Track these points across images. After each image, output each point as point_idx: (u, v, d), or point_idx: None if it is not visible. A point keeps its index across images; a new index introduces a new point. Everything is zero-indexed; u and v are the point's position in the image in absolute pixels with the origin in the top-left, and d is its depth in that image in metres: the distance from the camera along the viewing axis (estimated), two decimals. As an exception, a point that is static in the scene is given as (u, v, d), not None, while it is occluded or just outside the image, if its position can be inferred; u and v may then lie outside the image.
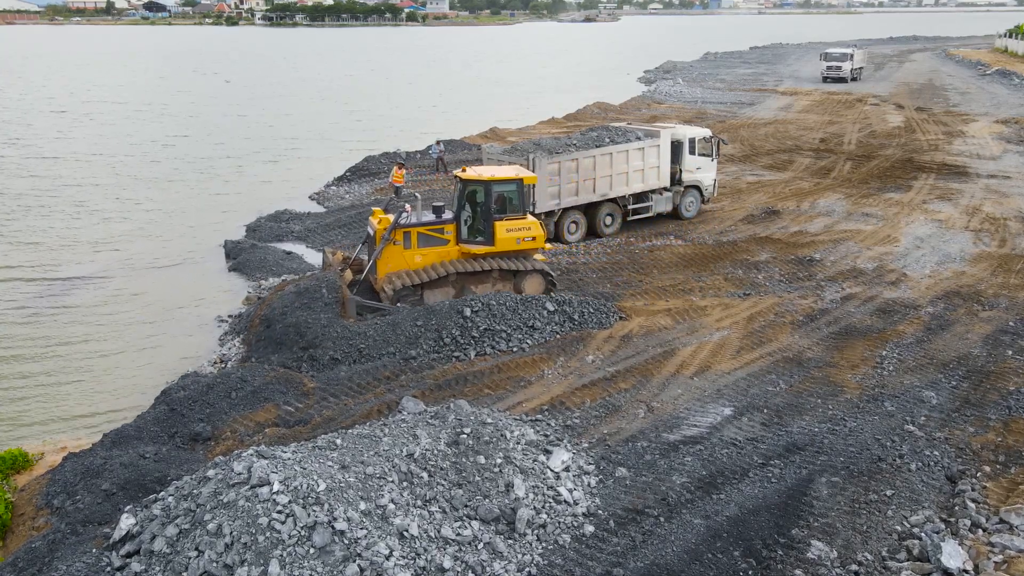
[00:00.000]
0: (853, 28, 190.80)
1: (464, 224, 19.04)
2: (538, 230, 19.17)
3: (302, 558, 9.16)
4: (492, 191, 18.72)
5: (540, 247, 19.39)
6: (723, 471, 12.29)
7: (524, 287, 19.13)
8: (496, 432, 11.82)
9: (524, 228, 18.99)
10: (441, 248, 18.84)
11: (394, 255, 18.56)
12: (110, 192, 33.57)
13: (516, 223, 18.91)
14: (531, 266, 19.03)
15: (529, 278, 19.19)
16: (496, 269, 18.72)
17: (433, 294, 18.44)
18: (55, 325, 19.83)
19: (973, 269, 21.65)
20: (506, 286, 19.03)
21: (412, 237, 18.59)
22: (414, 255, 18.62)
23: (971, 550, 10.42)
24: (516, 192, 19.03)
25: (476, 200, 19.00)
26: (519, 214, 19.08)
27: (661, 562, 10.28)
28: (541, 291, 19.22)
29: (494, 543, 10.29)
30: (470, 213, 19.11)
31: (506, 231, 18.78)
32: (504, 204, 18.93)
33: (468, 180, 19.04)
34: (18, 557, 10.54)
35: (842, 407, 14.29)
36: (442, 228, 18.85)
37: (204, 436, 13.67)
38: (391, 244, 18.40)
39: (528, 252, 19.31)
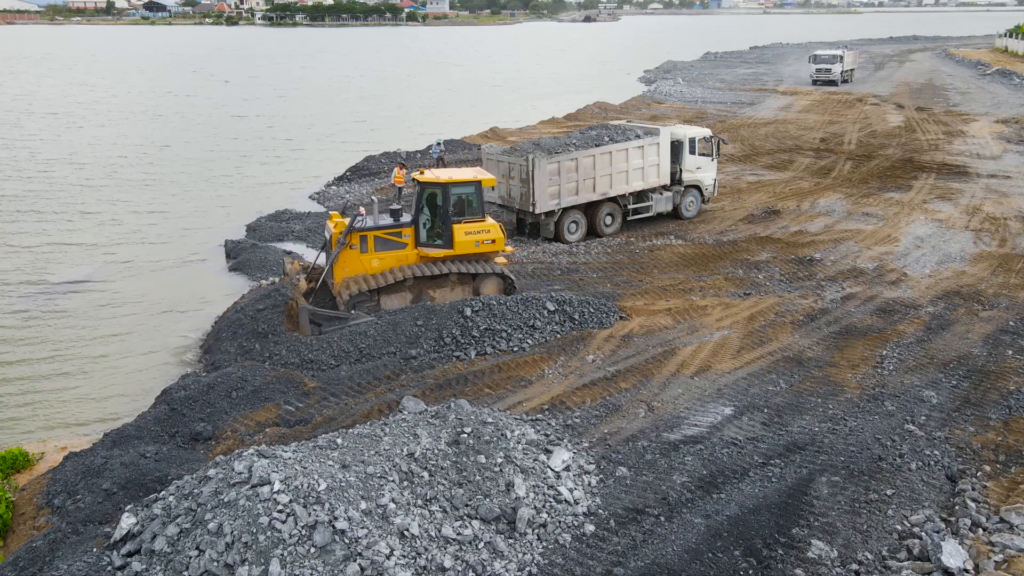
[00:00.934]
0: (853, 28, 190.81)
1: (423, 227, 18.72)
2: (498, 232, 18.86)
3: (303, 557, 9.17)
4: (450, 194, 18.44)
5: (500, 250, 19.07)
6: (723, 470, 12.29)
7: (483, 291, 18.82)
8: (497, 431, 11.83)
9: (483, 231, 18.69)
10: (399, 252, 18.50)
11: (351, 259, 18.18)
12: (109, 193, 33.57)
13: (475, 226, 18.63)
14: (489, 269, 18.72)
15: (488, 281, 18.91)
16: (454, 273, 18.41)
17: (390, 299, 18.09)
18: (56, 326, 19.84)
19: (973, 269, 21.66)
20: (465, 290, 18.75)
21: (369, 241, 18.19)
22: (371, 259, 18.24)
23: (972, 549, 10.42)
24: (475, 194, 18.71)
25: (434, 203, 18.67)
26: (478, 217, 18.79)
27: (661, 561, 10.29)
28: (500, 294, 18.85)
29: (495, 542, 10.30)
30: (428, 216, 18.80)
31: (465, 234, 18.48)
32: (463, 207, 18.65)
33: (426, 183, 18.64)
34: (19, 556, 10.55)
35: (842, 407, 14.30)
36: (400, 231, 18.52)
37: (205, 436, 13.67)
38: (347, 248, 18.04)
39: (488, 255, 19.04)
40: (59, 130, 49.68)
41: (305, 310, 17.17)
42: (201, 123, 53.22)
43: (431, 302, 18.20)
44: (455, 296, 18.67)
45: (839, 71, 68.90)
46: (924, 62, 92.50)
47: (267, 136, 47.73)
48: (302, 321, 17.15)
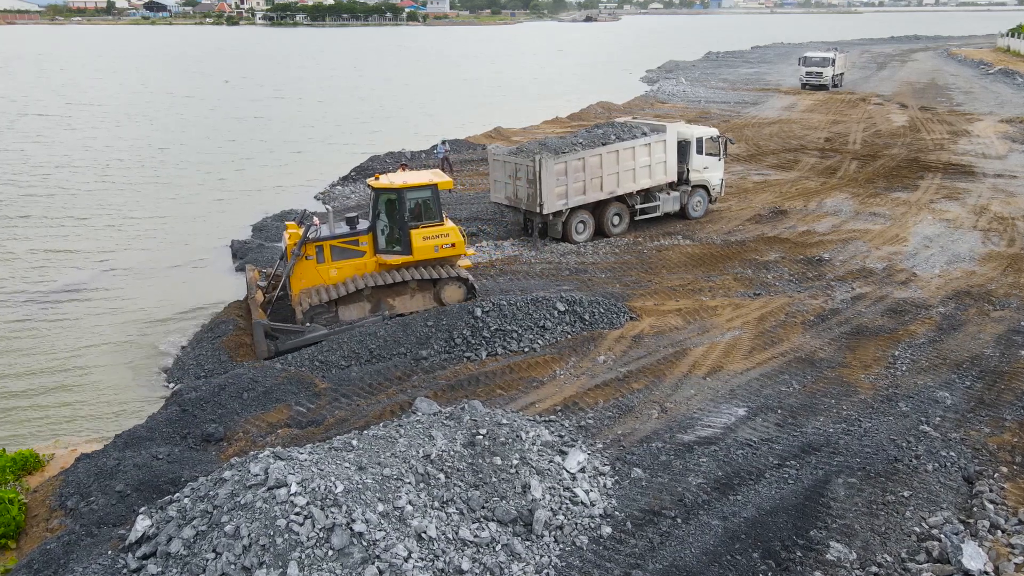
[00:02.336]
0: (854, 28, 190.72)
1: (381, 234, 18.34)
2: (457, 236, 18.56)
3: (321, 560, 9.11)
4: (406, 198, 18.09)
5: (460, 253, 18.76)
6: (739, 472, 12.23)
7: (444, 296, 18.55)
8: (512, 433, 11.77)
9: (442, 235, 18.39)
10: (358, 260, 18.14)
11: (308, 270, 17.83)
12: (113, 196, 33.51)
13: (433, 230, 18.34)
14: (448, 273, 18.43)
15: (448, 286, 18.62)
16: (412, 279, 18.16)
17: (348, 310, 17.74)
18: (63, 326, 19.78)
19: (983, 269, 21.60)
20: (425, 296, 18.47)
21: (325, 251, 17.85)
22: (329, 269, 17.89)
23: (991, 552, 10.38)
24: (432, 198, 18.39)
25: (392, 209, 18.27)
26: (436, 221, 18.49)
27: (680, 564, 10.23)
28: (461, 299, 18.62)
29: (512, 544, 10.25)
30: (386, 223, 18.39)
31: (423, 239, 18.20)
32: (420, 211, 18.35)
33: (381, 188, 18.27)
34: (33, 559, 10.50)
35: (856, 407, 14.23)
36: (357, 239, 18.13)
37: (216, 437, 13.61)
38: (303, 259, 17.67)
39: (449, 259, 18.75)
40: (56, 132, 49.59)
41: (259, 325, 16.65)
42: (203, 124, 53.16)
43: (390, 312, 17.96)
44: (416, 304, 18.36)
45: (830, 74, 65.41)
46: (926, 62, 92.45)
47: (271, 137, 47.66)
48: (257, 337, 16.64)
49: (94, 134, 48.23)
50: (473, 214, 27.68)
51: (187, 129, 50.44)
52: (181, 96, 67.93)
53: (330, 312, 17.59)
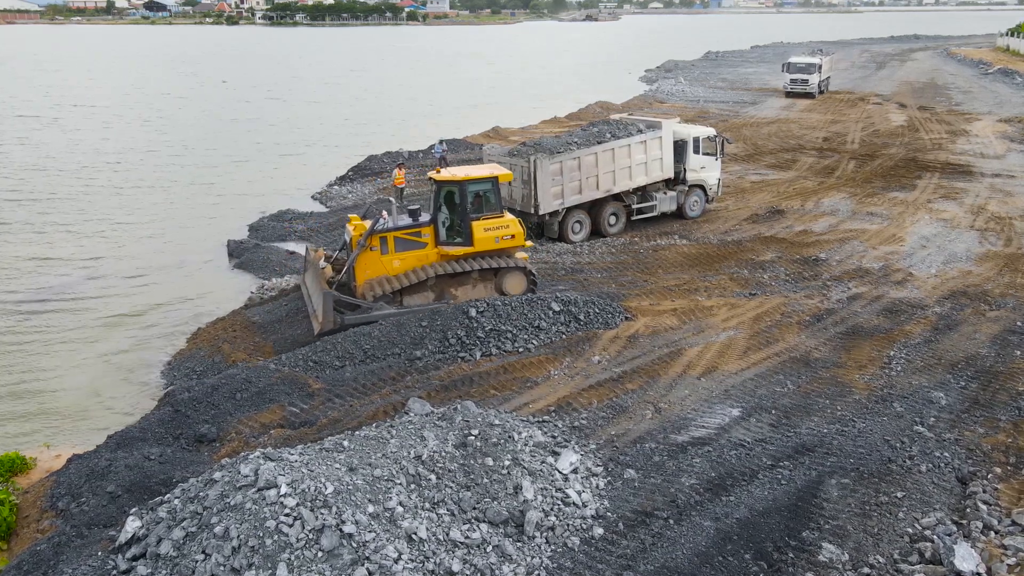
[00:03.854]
0: (854, 27, 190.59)
1: (442, 226, 18.72)
2: (517, 228, 18.89)
3: (310, 561, 9.07)
4: (467, 191, 18.48)
5: (520, 245, 19.09)
6: (732, 473, 12.20)
7: (505, 286, 18.90)
8: (504, 434, 11.74)
9: (502, 227, 18.72)
10: (420, 251, 18.46)
11: (372, 261, 18.17)
12: (109, 195, 33.47)
13: (494, 222, 18.65)
14: (511, 264, 18.78)
15: (510, 277, 18.93)
16: (475, 269, 18.46)
17: (413, 299, 18.12)
18: (57, 326, 19.75)
19: (979, 268, 21.56)
20: (487, 286, 18.81)
21: (389, 242, 18.19)
22: (392, 260, 18.26)
23: (984, 553, 10.34)
24: (492, 191, 18.77)
25: (452, 201, 18.75)
26: (496, 213, 18.83)
27: (671, 565, 10.20)
28: (523, 289, 19.01)
29: (503, 546, 10.21)
30: (447, 215, 18.83)
31: (484, 230, 18.50)
32: (481, 203, 18.68)
33: (442, 181, 18.70)
34: (23, 560, 10.46)
35: (851, 408, 14.20)
36: (419, 231, 18.50)
37: (209, 438, 13.58)
38: (368, 250, 18.05)
39: (508, 251, 19.04)
40: (47, 133, 49.53)
41: (329, 295, 17.09)
42: (199, 125, 53.12)
43: (454, 300, 18.23)
44: (478, 294, 18.71)
45: (816, 81, 60.36)
46: (925, 61, 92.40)
47: (268, 137, 47.62)
48: (325, 307, 16.98)
49: (96, 135, 48.20)
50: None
51: (184, 130, 50.37)
52: (178, 97, 67.87)
53: (396, 301, 18.03)
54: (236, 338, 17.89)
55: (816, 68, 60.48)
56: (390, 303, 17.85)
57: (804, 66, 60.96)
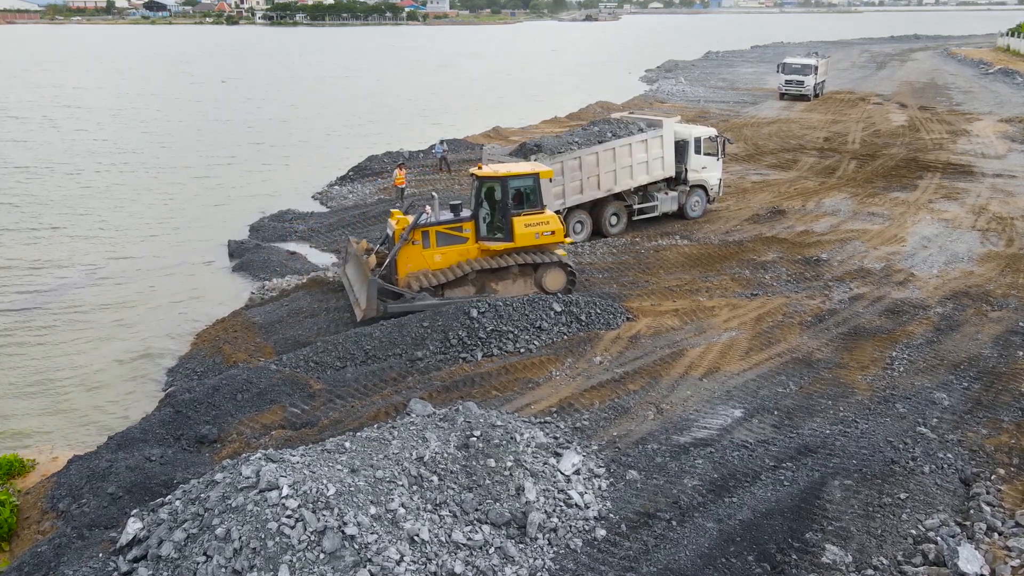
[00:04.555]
0: (854, 27, 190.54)
1: (483, 221, 18.99)
2: (557, 224, 19.10)
3: (312, 563, 9.05)
4: (508, 187, 18.68)
5: (560, 241, 19.26)
6: (735, 474, 12.17)
7: (545, 282, 19.05)
8: (506, 435, 11.71)
9: (543, 223, 18.91)
10: (460, 246, 18.79)
11: (414, 255, 18.51)
12: (110, 195, 33.42)
13: (534, 218, 18.85)
14: (550, 259, 18.93)
15: (550, 272, 19.10)
16: (515, 265, 18.66)
17: (454, 293, 18.42)
18: (56, 327, 19.71)
19: (981, 269, 21.53)
20: (527, 282, 19.00)
21: (431, 236, 18.56)
22: (434, 254, 18.60)
23: (988, 554, 10.30)
24: (533, 187, 18.98)
25: (493, 197, 18.96)
26: (537, 209, 19.02)
27: (674, 566, 10.16)
28: (562, 285, 19.16)
29: (505, 547, 10.18)
30: (488, 210, 19.06)
31: (524, 226, 18.72)
32: (521, 199, 18.89)
33: (484, 177, 19.00)
34: (23, 561, 10.43)
35: (853, 409, 14.17)
36: (460, 226, 18.79)
37: (210, 438, 13.55)
38: (410, 244, 18.34)
39: (548, 247, 19.19)
40: (54, 133, 49.51)
41: (374, 282, 17.39)
42: (199, 125, 53.06)
43: (494, 294, 18.41)
44: (518, 289, 18.91)
45: (812, 83, 57.87)
46: (926, 61, 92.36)
47: (268, 137, 47.58)
48: (369, 294, 17.27)
49: (92, 135, 48.15)
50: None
51: (184, 130, 50.32)
52: (178, 98, 67.80)
53: (437, 295, 18.27)
54: (237, 339, 17.86)
55: (812, 69, 58.08)
56: (432, 295, 18.13)
57: (799, 67, 58.46)
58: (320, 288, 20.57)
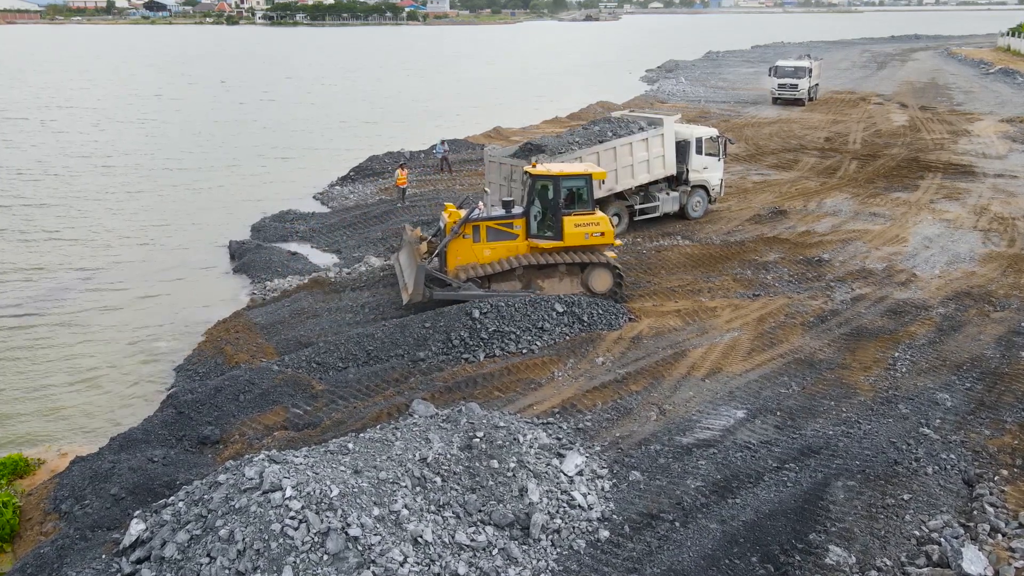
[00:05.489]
0: (854, 27, 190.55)
1: (533, 219, 19.15)
2: (607, 226, 19.19)
3: (316, 564, 9.04)
4: (561, 186, 18.82)
5: (609, 243, 19.35)
6: (738, 475, 12.15)
7: (592, 282, 19.15)
8: (509, 436, 11.70)
9: (592, 223, 19.02)
10: (510, 242, 19.00)
11: (463, 248, 18.80)
12: (110, 195, 33.41)
13: (584, 218, 18.98)
14: (598, 259, 19.02)
15: (596, 273, 19.17)
16: (563, 263, 18.80)
17: (500, 286, 18.69)
18: (58, 328, 19.71)
19: (983, 269, 21.52)
20: (573, 281, 19.13)
21: (481, 231, 18.83)
22: (483, 248, 18.87)
23: (992, 555, 10.29)
24: (585, 187, 19.12)
25: (545, 195, 19.10)
26: (588, 209, 19.16)
27: (678, 568, 10.15)
28: (609, 286, 19.24)
29: (509, 549, 10.18)
30: (539, 208, 19.23)
31: (574, 226, 18.84)
32: (573, 199, 19.04)
33: (537, 175, 19.17)
34: (26, 563, 10.43)
35: (856, 409, 14.16)
36: (511, 223, 19.00)
37: (212, 439, 13.54)
38: (460, 237, 18.60)
39: (597, 247, 19.29)
40: (51, 133, 49.49)
41: (422, 268, 17.77)
42: (201, 125, 53.04)
43: (540, 291, 18.62)
44: (564, 287, 19.05)
45: (806, 86, 55.06)
46: (926, 61, 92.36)
47: (269, 138, 47.57)
48: (417, 279, 17.60)
49: (91, 137, 48.15)
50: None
51: (184, 131, 50.30)
52: (176, 98, 67.79)
53: (484, 287, 18.50)
54: (239, 339, 17.84)
55: (806, 72, 55.37)
56: (478, 286, 18.35)
57: (792, 70, 55.68)
58: (322, 288, 20.57)
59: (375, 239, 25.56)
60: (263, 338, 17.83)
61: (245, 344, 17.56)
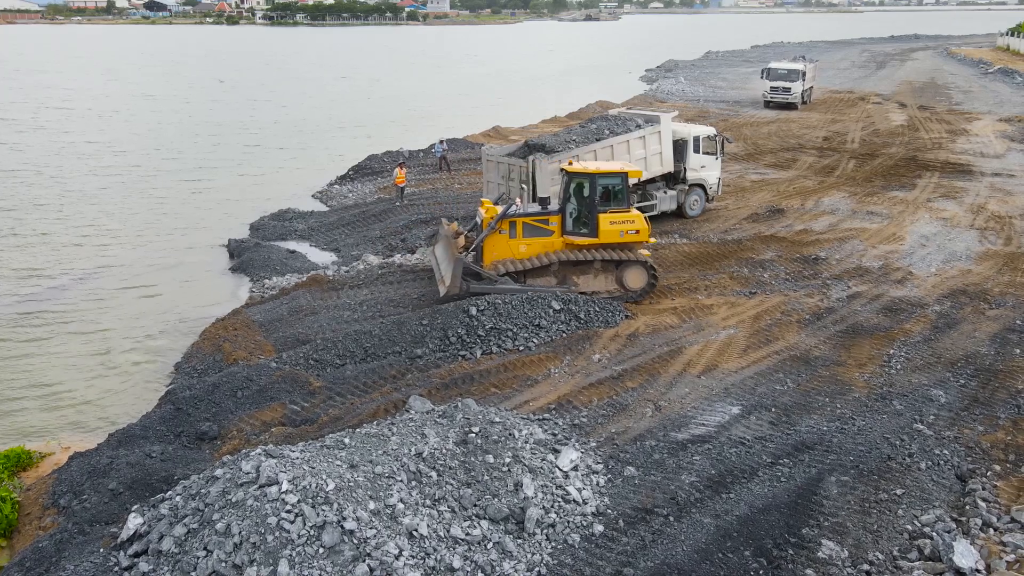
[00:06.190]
0: (854, 27, 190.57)
1: (569, 216, 19.30)
2: (642, 224, 19.30)
3: (311, 558, 9.11)
4: (597, 184, 18.95)
5: (644, 240, 19.46)
6: (732, 470, 12.23)
7: (626, 279, 19.27)
8: (504, 431, 11.77)
9: (628, 221, 19.14)
10: (545, 239, 19.19)
11: (500, 244, 19.02)
12: (109, 194, 33.48)
13: (620, 216, 19.10)
14: (633, 257, 19.13)
15: (631, 270, 19.28)
16: (598, 260, 18.93)
17: (536, 281, 18.91)
18: (58, 325, 19.79)
19: (979, 267, 21.59)
20: (608, 278, 19.26)
21: (518, 227, 19.01)
22: (519, 244, 19.07)
23: (983, 550, 10.37)
24: (621, 186, 19.26)
25: (581, 192, 19.25)
26: (623, 207, 19.27)
27: (671, 562, 10.23)
28: (643, 284, 19.35)
29: (503, 543, 10.25)
30: (575, 205, 19.38)
31: (610, 223, 18.98)
32: (609, 197, 19.18)
33: (574, 173, 19.34)
34: (25, 557, 10.51)
35: (850, 406, 14.23)
36: (547, 219, 19.18)
37: (210, 435, 13.62)
38: (497, 232, 18.82)
39: (632, 245, 19.40)
40: (51, 134, 49.58)
41: (460, 261, 17.96)
42: (200, 124, 53.11)
43: (576, 287, 18.79)
44: (598, 284, 19.19)
45: (800, 90, 53.29)
46: (926, 61, 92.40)
47: (268, 137, 47.66)
48: (455, 271, 17.77)
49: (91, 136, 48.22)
50: (470, 213, 27.61)
51: (183, 130, 50.39)
52: (175, 97, 67.87)
53: (519, 282, 18.72)
54: (237, 337, 17.92)
55: (799, 75, 53.45)
56: (514, 281, 18.56)
57: (786, 73, 53.79)
58: (320, 286, 20.64)
59: (373, 238, 25.64)
60: (261, 335, 17.91)
61: (243, 341, 17.64)
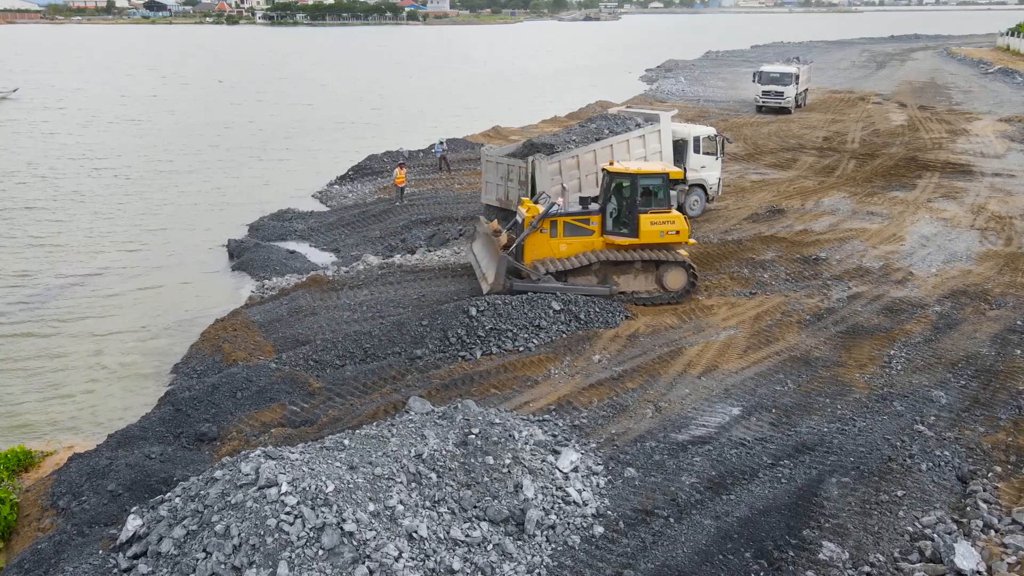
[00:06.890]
0: (854, 26, 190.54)
1: (609, 216, 19.35)
2: (682, 224, 19.29)
3: (311, 560, 9.09)
4: (638, 184, 18.97)
5: (684, 241, 19.45)
6: (732, 471, 12.20)
7: (666, 280, 19.26)
8: (504, 432, 11.75)
9: (668, 222, 19.14)
10: (586, 238, 19.23)
11: (540, 243, 19.11)
12: (110, 194, 33.46)
13: (660, 216, 19.10)
14: (673, 258, 19.12)
15: (671, 271, 19.25)
16: (639, 260, 18.93)
17: (576, 280, 18.99)
18: (58, 325, 19.77)
19: (980, 268, 21.56)
20: (648, 278, 19.24)
21: (559, 226, 19.10)
22: (559, 243, 19.17)
23: (984, 551, 10.35)
24: (662, 186, 19.26)
25: (622, 193, 19.27)
26: (664, 208, 19.28)
27: (672, 563, 10.20)
28: (683, 284, 19.32)
29: (503, 544, 10.22)
30: (616, 205, 19.40)
31: (650, 224, 18.97)
32: (650, 197, 19.18)
33: (615, 173, 19.38)
34: (24, 558, 10.49)
35: (851, 407, 14.21)
36: (588, 219, 19.22)
37: (210, 436, 13.60)
38: (538, 232, 18.92)
39: (672, 246, 19.40)
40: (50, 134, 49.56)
41: (505, 259, 18.12)
42: (200, 124, 53.08)
43: (616, 287, 18.84)
44: (638, 284, 19.18)
45: (793, 93, 51.24)
46: (926, 61, 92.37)
47: (268, 137, 47.63)
48: (498, 270, 17.96)
49: (92, 136, 48.20)
50: (470, 213, 27.59)
51: (183, 130, 50.36)
52: (174, 97, 67.84)
53: (560, 281, 18.80)
54: (236, 337, 17.89)
55: (792, 78, 51.43)
56: (556, 279, 18.63)
57: (778, 76, 51.81)
58: (320, 287, 20.61)
59: (373, 238, 25.62)
60: (261, 336, 17.89)
61: (243, 342, 17.61)
